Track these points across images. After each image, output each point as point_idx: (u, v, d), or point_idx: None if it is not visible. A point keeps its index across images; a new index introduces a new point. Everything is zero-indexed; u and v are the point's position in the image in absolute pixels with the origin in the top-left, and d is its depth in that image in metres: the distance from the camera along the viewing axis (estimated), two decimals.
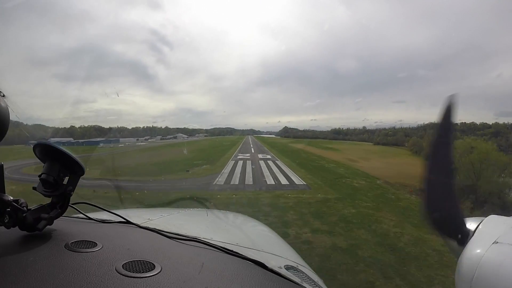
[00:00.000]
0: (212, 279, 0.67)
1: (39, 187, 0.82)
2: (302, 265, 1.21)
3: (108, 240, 0.81)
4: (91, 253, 0.70)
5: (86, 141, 39.01)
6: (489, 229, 0.95)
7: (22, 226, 0.74)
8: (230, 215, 2.23)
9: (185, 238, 0.96)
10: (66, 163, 0.83)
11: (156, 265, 0.67)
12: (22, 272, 0.58)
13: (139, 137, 55.87)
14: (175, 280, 0.62)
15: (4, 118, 0.66)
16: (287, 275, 0.89)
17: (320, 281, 1.15)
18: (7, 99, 0.70)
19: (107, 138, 43.63)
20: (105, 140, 42.38)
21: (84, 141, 38.57)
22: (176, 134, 72.40)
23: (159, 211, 1.63)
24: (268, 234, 1.84)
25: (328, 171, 21.28)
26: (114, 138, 45.70)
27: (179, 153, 33.48)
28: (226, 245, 0.99)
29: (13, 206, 0.71)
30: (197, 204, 7.29)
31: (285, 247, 1.57)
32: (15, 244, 0.71)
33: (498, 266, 0.77)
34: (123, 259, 0.68)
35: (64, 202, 0.85)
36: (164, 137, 64.17)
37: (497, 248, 0.82)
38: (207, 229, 1.43)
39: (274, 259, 1.11)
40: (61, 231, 0.83)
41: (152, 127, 71.62)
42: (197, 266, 0.72)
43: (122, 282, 0.58)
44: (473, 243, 0.91)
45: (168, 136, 66.95)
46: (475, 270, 0.80)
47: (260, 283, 0.71)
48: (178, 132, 77.27)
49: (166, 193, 12.98)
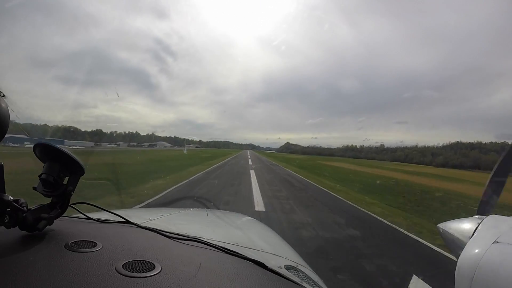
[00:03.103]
0: (212, 279, 0.67)
1: (39, 187, 0.82)
2: (302, 265, 1.21)
3: (108, 240, 0.81)
4: (91, 253, 0.70)
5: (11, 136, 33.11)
6: (489, 229, 0.95)
7: (22, 226, 0.74)
8: (230, 215, 2.23)
9: (185, 238, 0.96)
10: (66, 163, 0.83)
11: (156, 265, 0.67)
12: (22, 272, 0.58)
13: (106, 142, 51.72)
14: (175, 280, 0.62)
15: (4, 118, 0.66)
16: (287, 275, 0.89)
17: (320, 281, 1.15)
18: (7, 99, 0.70)
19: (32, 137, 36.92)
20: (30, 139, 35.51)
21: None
22: (157, 142, 69.61)
23: (159, 211, 1.63)
24: (268, 234, 1.84)
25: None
26: (59, 139, 38.27)
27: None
28: (226, 245, 1.00)
29: (13, 206, 0.71)
30: (197, 204, 7.27)
31: (285, 247, 1.57)
32: (15, 244, 0.71)
33: (498, 266, 0.77)
34: (123, 259, 0.68)
35: (64, 202, 0.85)
36: (141, 144, 60.68)
37: (497, 248, 0.82)
38: (207, 229, 1.43)
39: (274, 259, 1.11)
40: (61, 231, 0.83)
41: (130, 133, 69.14)
42: (197, 266, 0.72)
43: (122, 282, 0.58)
44: (473, 243, 0.91)
45: (144, 143, 63.54)
46: (475, 270, 0.80)
47: (260, 283, 0.71)
48: (181, 142, 75.06)
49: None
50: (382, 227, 7.50)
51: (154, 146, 65.12)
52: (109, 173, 14.56)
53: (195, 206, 2.33)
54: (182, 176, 15.25)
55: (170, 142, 70.04)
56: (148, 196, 9.04)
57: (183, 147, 74.99)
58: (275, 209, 8.39)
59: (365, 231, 6.87)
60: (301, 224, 6.84)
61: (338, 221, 7.51)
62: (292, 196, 11.31)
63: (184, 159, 35.30)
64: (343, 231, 6.61)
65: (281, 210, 8.31)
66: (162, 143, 69.71)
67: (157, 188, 10.68)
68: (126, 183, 11.54)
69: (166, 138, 71.14)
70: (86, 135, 41.06)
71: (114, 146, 55.49)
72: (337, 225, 7.10)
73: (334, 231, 6.51)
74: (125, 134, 61.12)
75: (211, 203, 7.82)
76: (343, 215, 8.40)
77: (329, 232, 6.35)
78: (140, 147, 59.89)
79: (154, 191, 10.01)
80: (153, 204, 8.05)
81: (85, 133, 43.45)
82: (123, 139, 58.03)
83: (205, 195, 10.18)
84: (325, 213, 8.60)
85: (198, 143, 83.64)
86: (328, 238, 5.93)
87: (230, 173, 19.20)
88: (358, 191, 14.75)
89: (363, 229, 7.08)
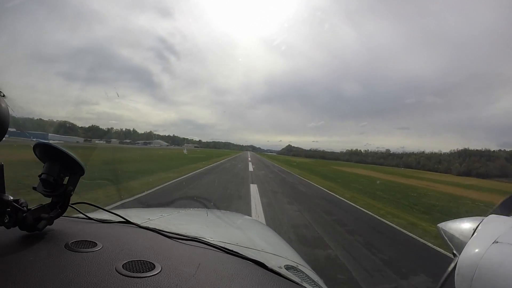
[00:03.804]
0: (212, 279, 0.67)
1: (39, 187, 0.82)
2: (302, 265, 1.21)
3: (108, 240, 0.81)
4: (91, 253, 0.70)
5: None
6: (489, 228, 0.95)
7: (22, 226, 0.74)
8: (230, 215, 2.24)
9: (185, 238, 0.96)
10: (66, 163, 0.83)
11: (156, 265, 0.67)
12: (22, 272, 0.58)
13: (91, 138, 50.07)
14: (175, 280, 0.62)
15: (4, 118, 0.66)
16: (287, 275, 0.89)
17: (320, 281, 1.15)
18: (7, 99, 0.70)
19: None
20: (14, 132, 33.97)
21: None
22: (152, 140, 67.63)
23: (159, 211, 1.63)
24: (268, 234, 1.84)
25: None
26: (41, 133, 36.22)
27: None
28: (226, 245, 0.99)
29: (13, 206, 0.71)
30: (197, 204, 7.24)
31: (285, 247, 1.57)
32: (15, 244, 0.71)
33: (498, 266, 0.77)
34: (123, 259, 0.68)
35: (64, 202, 0.85)
36: (135, 142, 58.06)
37: (497, 248, 0.82)
38: (207, 229, 1.43)
39: (274, 259, 1.11)
40: (61, 231, 0.83)
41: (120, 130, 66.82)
42: (197, 266, 0.72)
43: (122, 282, 0.58)
44: (473, 242, 0.91)
45: (138, 141, 60.65)
46: (475, 269, 0.80)
47: (260, 283, 0.71)
48: (182, 140, 73.64)
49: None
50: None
51: (148, 144, 63.73)
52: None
53: (195, 206, 2.33)
54: (129, 189, 9.14)
55: (169, 141, 69.11)
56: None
57: (181, 146, 73.46)
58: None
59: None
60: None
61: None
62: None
63: (166, 160, 28.74)
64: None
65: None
66: (158, 141, 68.49)
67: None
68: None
69: (164, 137, 70.52)
70: (78, 130, 40.32)
71: (103, 142, 53.39)
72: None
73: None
74: (121, 131, 60.53)
75: (211, 203, 7.81)
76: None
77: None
78: (133, 145, 58.49)
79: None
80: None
81: (81, 129, 42.95)
82: (118, 136, 57.31)
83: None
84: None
85: (198, 143, 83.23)
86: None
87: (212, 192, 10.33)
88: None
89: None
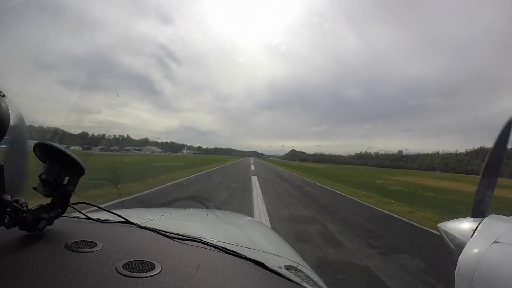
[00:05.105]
0: (212, 279, 0.67)
1: (39, 187, 0.81)
2: (302, 265, 1.21)
3: (108, 240, 0.81)
4: (91, 253, 0.70)
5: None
6: (489, 228, 0.95)
7: (22, 226, 0.74)
8: (230, 215, 2.23)
9: (185, 238, 0.96)
10: (66, 163, 0.83)
11: (156, 265, 0.67)
12: (22, 272, 0.58)
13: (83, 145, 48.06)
14: (175, 280, 0.62)
15: (4, 118, 0.66)
16: (287, 275, 0.89)
17: (320, 281, 1.15)
18: (7, 99, 0.70)
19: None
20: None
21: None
22: (144, 147, 65.76)
23: (159, 211, 1.63)
24: (268, 234, 1.84)
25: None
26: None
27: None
28: (226, 245, 0.99)
29: (13, 206, 0.71)
30: (197, 204, 7.24)
31: (285, 247, 1.57)
32: (15, 244, 0.71)
33: (498, 266, 0.77)
34: (123, 259, 0.68)
35: (64, 202, 0.85)
36: (123, 148, 56.03)
37: (497, 248, 0.82)
38: (207, 229, 1.43)
39: (274, 259, 1.11)
40: (61, 231, 0.83)
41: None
42: (197, 266, 0.72)
43: (122, 282, 0.58)
44: (473, 242, 0.91)
45: (127, 147, 58.00)
46: (475, 269, 0.80)
47: (260, 283, 0.71)
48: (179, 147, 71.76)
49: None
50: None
51: (139, 150, 62.44)
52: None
53: (195, 206, 2.33)
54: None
55: (165, 147, 68.02)
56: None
57: (177, 153, 72.03)
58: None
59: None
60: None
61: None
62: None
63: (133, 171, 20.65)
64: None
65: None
66: (149, 147, 67.36)
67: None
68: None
69: (161, 143, 69.68)
70: (66, 137, 39.02)
71: (79, 149, 50.79)
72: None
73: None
74: (112, 138, 59.57)
75: (211, 203, 7.82)
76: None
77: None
78: (118, 152, 56.80)
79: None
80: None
81: (72, 135, 41.75)
82: (109, 143, 56.44)
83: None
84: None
85: (197, 149, 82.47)
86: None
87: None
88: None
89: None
